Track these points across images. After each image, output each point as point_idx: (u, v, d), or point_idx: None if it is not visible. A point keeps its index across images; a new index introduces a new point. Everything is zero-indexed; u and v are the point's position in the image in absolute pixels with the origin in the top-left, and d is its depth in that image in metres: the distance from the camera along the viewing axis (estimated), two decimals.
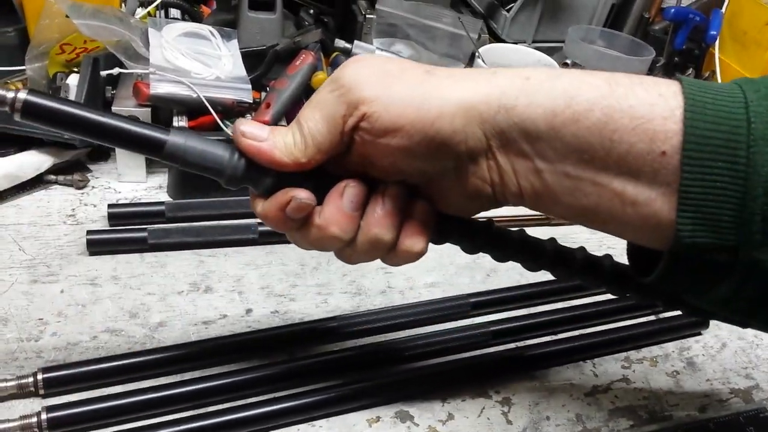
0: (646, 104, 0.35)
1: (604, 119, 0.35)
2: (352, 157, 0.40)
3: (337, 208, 0.41)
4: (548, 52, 0.88)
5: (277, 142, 0.40)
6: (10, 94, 0.38)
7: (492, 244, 0.46)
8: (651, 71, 0.94)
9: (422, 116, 0.37)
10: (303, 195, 0.40)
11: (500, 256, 0.47)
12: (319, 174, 0.41)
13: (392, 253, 0.42)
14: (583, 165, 0.36)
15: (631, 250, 0.44)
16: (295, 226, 0.42)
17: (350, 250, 0.43)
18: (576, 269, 0.48)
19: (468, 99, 0.37)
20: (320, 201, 0.41)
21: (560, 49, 0.92)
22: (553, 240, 0.48)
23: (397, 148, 0.38)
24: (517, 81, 0.37)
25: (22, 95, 0.38)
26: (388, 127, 0.37)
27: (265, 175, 0.41)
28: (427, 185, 0.42)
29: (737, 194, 0.33)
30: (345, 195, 0.41)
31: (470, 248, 0.46)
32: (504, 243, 0.47)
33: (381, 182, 0.41)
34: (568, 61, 0.91)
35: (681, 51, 0.98)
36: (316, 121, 0.39)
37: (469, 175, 0.39)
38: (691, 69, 0.92)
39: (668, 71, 0.97)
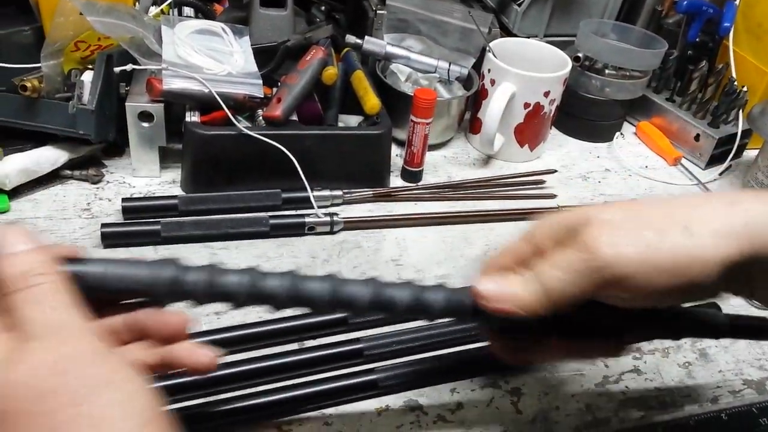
0: None
1: None
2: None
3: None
4: (560, 46, 0.88)
5: (518, 300, 0.41)
6: None
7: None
8: (664, 64, 0.93)
9: (682, 278, 0.37)
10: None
11: None
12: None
13: None
14: None
15: None
16: None
17: None
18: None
19: (731, 256, 0.37)
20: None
21: (572, 43, 0.92)
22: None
23: (646, 299, 0.39)
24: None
25: None
26: (643, 289, 0.38)
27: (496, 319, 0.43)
28: None
29: None
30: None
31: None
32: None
33: None
34: (580, 55, 0.91)
35: (694, 44, 0.97)
36: (564, 283, 0.39)
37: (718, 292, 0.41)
38: (704, 62, 0.92)
39: (681, 64, 0.96)
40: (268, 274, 0.43)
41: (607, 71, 0.91)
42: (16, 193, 0.69)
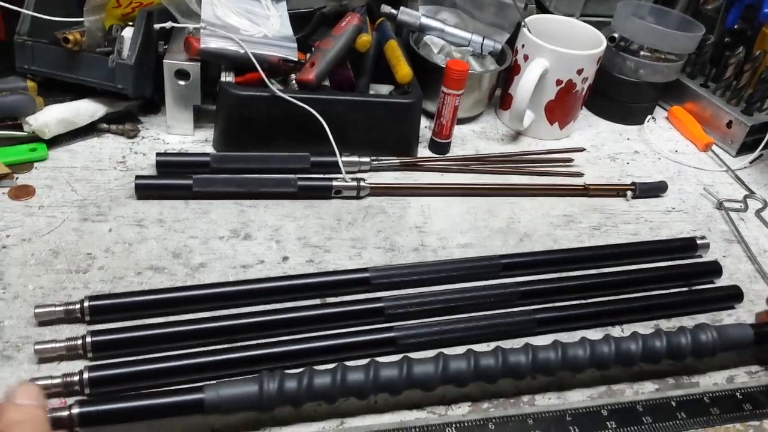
0: None
1: None
2: None
3: None
4: (596, 26, 0.88)
5: None
6: (65, 413, 0.44)
7: None
8: (700, 49, 0.92)
9: None
10: None
11: None
12: None
13: None
14: None
15: None
16: None
17: None
18: None
19: None
20: None
21: (608, 24, 0.91)
22: None
23: None
24: None
25: (76, 410, 0.44)
26: None
27: None
28: None
29: None
30: None
31: None
32: None
33: None
34: (615, 35, 0.90)
35: (732, 30, 0.96)
36: None
37: None
38: (741, 48, 0.91)
39: (718, 50, 0.95)
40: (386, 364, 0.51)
41: (642, 53, 0.90)
42: (54, 142, 0.71)
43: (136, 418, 0.46)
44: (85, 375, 0.48)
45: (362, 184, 0.72)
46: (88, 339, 0.50)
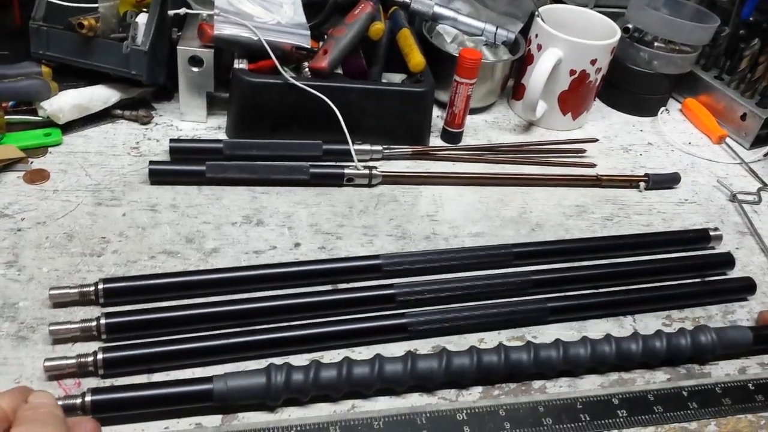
0: None
1: None
2: None
3: None
4: (610, 16, 0.87)
5: None
6: (78, 401, 0.45)
7: None
8: (715, 41, 0.92)
9: None
10: None
11: None
12: None
13: None
14: None
15: None
16: None
17: None
18: None
19: None
20: None
21: (622, 15, 0.91)
22: None
23: None
24: None
25: (89, 397, 0.46)
26: None
27: None
28: None
29: None
30: None
31: None
32: None
33: None
34: (630, 26, 0.90)
35: (748, 22, 0.95)
36: None
37: None
38: (756, 40, 0.90)
39: (732, 42, 0.94)
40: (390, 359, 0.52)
41: (656, 44, 0.89)
42: (68, 128, 0.71)
43: (147, 406, 0.47)
44: (99, 356, 0.48)
45: (374, 172, 0.72)
46: (102, 321, 0.51)
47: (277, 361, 0.50)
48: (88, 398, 0.45)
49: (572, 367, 0.55)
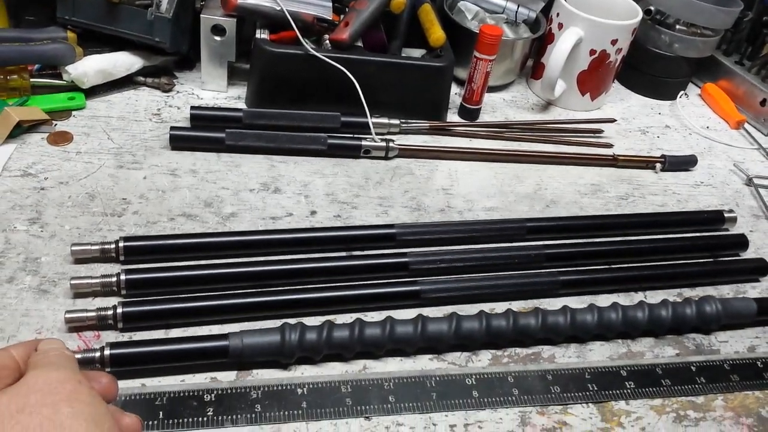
0: None
1: None
2: None
3: None
4: None
5: None
6: (97, 354, 0.46)
7: None
8: (737, 26, 0.91)
9: None
10: None
11: None
12: None
13: None
14: None
15: None
16: None
17: None
18: None
19: None
20: None
21: None
22: None
23: None
24: None
25: (107, 351, 0.46)
26: None
27: None
28: None
29: None
30: None
31: None
32: None
33: None
34: (652, 8, 0.89)
35: None
36: None
37: None
38: None
39: (755, 27, 0.93)
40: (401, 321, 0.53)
41: (677, 27, 0.89)
42: (92, 92, 0.72)
43: (164, 360, 0.48)
44: (119, 309, 0.50)
45: (391, 145, 0.72)
46: (123, 277, 0.52)
47: (291, 321, 0.51)
48: (107, 352, 0.46)
49: (579, 333, 0.55)
